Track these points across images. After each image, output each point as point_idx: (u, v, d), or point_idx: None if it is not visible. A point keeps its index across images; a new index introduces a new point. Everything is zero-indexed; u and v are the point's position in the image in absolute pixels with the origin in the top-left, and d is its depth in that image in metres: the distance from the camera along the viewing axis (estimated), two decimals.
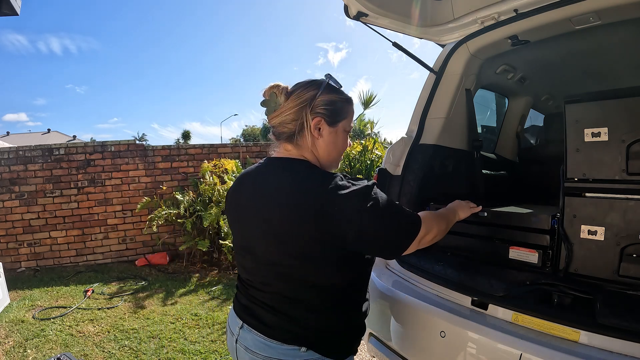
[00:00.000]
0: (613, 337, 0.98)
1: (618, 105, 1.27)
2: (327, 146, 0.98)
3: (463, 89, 2.00)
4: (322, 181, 0.87)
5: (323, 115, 0.96)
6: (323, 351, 0.91)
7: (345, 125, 1.01)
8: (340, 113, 0.99)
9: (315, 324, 0.92)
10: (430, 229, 1.00)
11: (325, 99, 0.95)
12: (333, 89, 0.98)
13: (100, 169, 4.97)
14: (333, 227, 0.84)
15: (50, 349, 2.67)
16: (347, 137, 1.04)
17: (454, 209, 1.24)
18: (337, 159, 1.05)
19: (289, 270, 0.90)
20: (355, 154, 4.83)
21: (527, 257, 1.44)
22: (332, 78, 0.99)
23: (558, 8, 1.49)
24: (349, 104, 1.01)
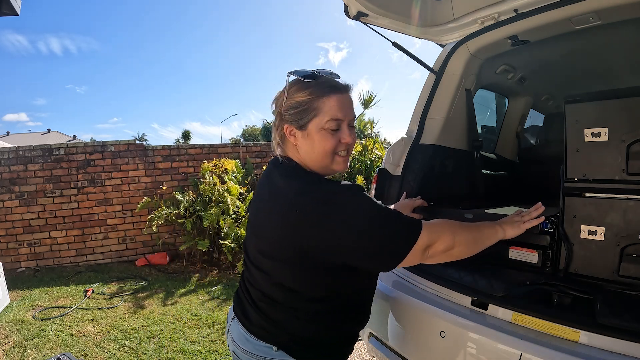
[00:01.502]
0: (613, 337, 0.98)
1: (618, 105, 1.27)
2: (306, 150, 0.92)
3: (463, 89, 2.00)
4: (305, 186, 0.85)
5: (290, 122, 0.90)
6: (294, 354, 0.90)
7: (318, 123, 0.88)
8: (306, 114, 0.88)
9: (289, 326, 0.91)
10: (439, 238, 0.86)
11: (290, 103, 0.89)
12: (298, 88, 0.89)
13: (100, 169, 4.97)
14: (307, 233, 0.82)
15: (50, 349, 2.67)
16: (329, 134, 0.89)
17: (496, 223, 1.04)
18: (323, 162, 0.92)
19: (268, 271, 0.92)
20: (355, 154, 4.83)
21: (527, 257, 1.43)
22: (298, 73, 0.89)
23: (558, 8, 1.49)
24: (318, 99, 0.87)
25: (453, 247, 0.89)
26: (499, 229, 1.03)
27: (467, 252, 0.94)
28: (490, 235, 1.00)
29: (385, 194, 1.88)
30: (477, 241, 0.96)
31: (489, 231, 1.00)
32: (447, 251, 0.89)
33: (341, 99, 0.89)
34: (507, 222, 1.06)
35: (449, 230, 0.90)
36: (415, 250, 0.84)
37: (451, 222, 0.94)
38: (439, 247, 0.87)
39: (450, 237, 0.89)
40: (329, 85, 0.88)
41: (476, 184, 2.14)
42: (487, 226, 1.01)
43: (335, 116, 0.88)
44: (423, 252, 0.86)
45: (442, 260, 0.91)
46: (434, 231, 0.87)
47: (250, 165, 5.30)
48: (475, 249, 0.96)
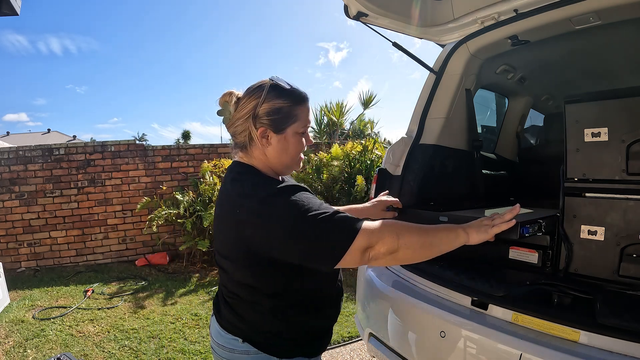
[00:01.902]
0: (613, 337, 0.98)
1: (618, 105, 1.27)
2: (277, 153, 0.96)
3: (463, 89, 2.00)
4: (247, 188, 0.90)
5: (267, 125, 0.93)
6: (258, 346, 0.96)
7: (295, 128, 0.95)
8: (286, 119, 0.94)
9: (252, 320, 0.97)
10: (380, 240, 0.83)
11: (267, 107, 0.93)
12: (278, 94, 0.93)
13: (100, 169, 4.97)
14: (249, 233, 0.87)
15: (50, 349, 2.67)
16: (302, 138, 0.98)
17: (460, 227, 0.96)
18: (291, 163, 1.00)
19: (228, 270, 0.98)
20: (355, 154, 4.83)
21: (527, 257, 1.44)
22: (278, 80, 0.95)
23: (558, 8, 1.49)
24: (298, 105, 0.95)
25: (397, 250, 0.85)
26: (462, 233, 0.94)
27: (416, 256, 0.89)
28: (448, 240, 0.92)
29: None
30: (428, 245, 0.89)
31: (447, 235, 0.93)
32: (391, 254, 0.85)
33: (308, 108, 0.99)
34: (474, 225, 0.97)
35: (393, 232, 0.85)
36: (353, 252, 0.83)
37: (399, 225, 0.88)
38: (380, 249, 0.84)
39: (393, 239, 0.84)
40: (302, 96, 0.97)
41: (476, 184, 2.14)
42: (446, 230, 0.93)
43: (308, 122, 0.98)
44: (362, 253, 0.84)
45: (389, 264, 0.89)
46: (374, 233, 0.84)
47: None
48: (428, 253, 0.90)
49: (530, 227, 1.12)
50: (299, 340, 1.00)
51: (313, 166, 4.76)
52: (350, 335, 2.83)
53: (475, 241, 0.94)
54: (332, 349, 2.67)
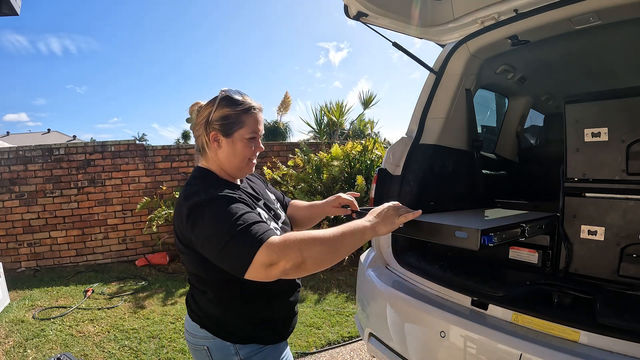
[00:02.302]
0: (613, 337, 0.98)
1: (618, 105, 1.27)
2: (227, 155, 1.07)
3: (463, 89, 2.00)
4: (190, 189, 1.01)
5: (218, 130, 1.05)
6: (212, 331, 1.06)
7: (243, 133, 1.05)
8: (234, 124, 1.05)
9: (204, 307, 1.08)
10: (284, 257, 0.84)
11: (219, 114, 1.04)
12: (228, 103, 1.05)
13: (100, 169, 4.97)
14: (184, 231, 0.97)
15: (50, 349, 2.67)
16: (249, 143, 1.07)
17: (366, 221, 0.97)
18: (240, 165, 1.09)
19: (184, 262, 1.10)
20: (355, 154, 4.83)
21: (527, 257, 1.44)
22: (230, 92, 1.07)
23: (558, 8, 1.49)
24: (245, 114, 1.06)
25: (304, 262, 0.85)
26: (368, 230, 0.95)
27: (325, 263, 0.89)
28: (354, 240, 0.93)
29: (385, 194, 1.88)
30: (334, 250, 0.89)
31: (352, 235, 0.92)
32: (299, 267, 0.85)
33: (259, 117, 1.09)
34: (380, 217, 0.98)
35: (295, 247, 0.85)
36: (255, 267, 0.84)
37: (303, 237, 0.87)
38: (285, 265, 0.84)
39: (297, 254, 0.84)
40: (252, 106, 1.07)
41: (476, 184, 2.14)
42: (350, 231, 0.92)
43: (255, 129, 1.07)
44: (266, 270, 0.85)
45: (301, 276, 0.89)
46: (276, 251, 0.84)
47: None
48: (336, 256, 0.91)
49: (495, 237, 0.99)
50: (247, 328, 1.07)
51: (313, 166, 4.76)
52: (350, 335, 2.83)
53: (383, 233, 0.98)
54: (332, 349, 2.67)
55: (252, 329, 1.07)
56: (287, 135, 13.70)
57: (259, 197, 1.15)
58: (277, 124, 13.71)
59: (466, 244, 0.95)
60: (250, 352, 1.06)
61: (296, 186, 4.71)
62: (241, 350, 1.05)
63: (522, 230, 1.16)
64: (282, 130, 13.66)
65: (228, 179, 1.11)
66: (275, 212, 1.19)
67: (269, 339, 1.10)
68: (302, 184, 4.71)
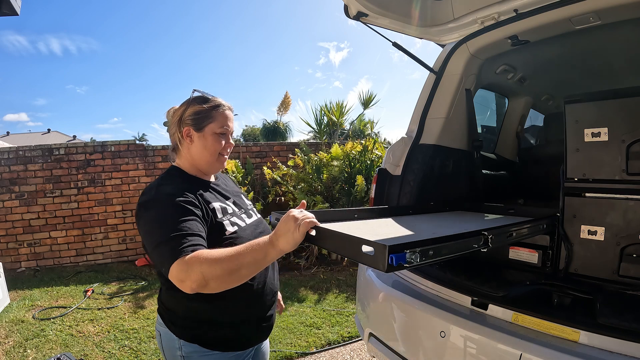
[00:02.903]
0: (613, 337, 0.98)
1: (618, 105, 1.27)
2: (199, 150, 1.13)
3: (463, 89, 2.00)
4: (148, 187, 1.07)
5: (190, 125, 1.12)
6: (162, 319, 1.12)
7: (213, 128, 1.12)
8: (205, 119, 1.11)
9: (161, 297, 1.15)
10: (189, 277, 0.84)
11: (191, 111, 1.12)
12: (199, 101, 1.13)
13: (100, 169, 4.97)
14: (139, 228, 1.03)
15: (50, 349, 2.67)
16: (220, 138, 1.13)
17: (266, 241, 0.88)
18: (211, 159, 1.14)
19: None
20: (355, 154, 4.83)
21: (527, 257, 1.44)
22: (199, 92, 1.15)
23: (558, 8, 1.49)
24: (215, 110, 1.12)
25: (208, 283, 0.85)
26: (270, 249, 0.87)
27: (229, 283, 0.87)
28: (256, 260, 0.87)
29: (385, 194, 1.88)
30: (235, 271, 0.86)
31: (253, 256, 0.87)
32: (205, 287, 0.85)
33: (229, 114, 1.15)
34: (280, 233, 0.86)
35: (197, 267, 0.85)
36: (173, 279, 0.87)
37: (205, 256, 0.86)
38: (192, 285, 0.85)
39: (199, 275, 0.84)
40: (222, 104, 1.14)
41: (476, 184, 2.14)
42: (252, 250, 0.87)
43: (225, 125, 1.13)
44: (180, 284, 0.86)
45: (211, 292, 0.87)
46: (184, 269, 0.85)
47: (250, 165, 5.30)
48: (239, 275, 0.87)
49: (410, 254, 0.78)
50: (189, 325, 1.08)
51: (313, 166, 4.76)
52: (350, 335, 2.83)
53: (286, 248, 0.86)
54: (332, 349, 2.67)
55: (193, 328, 1.07)
56: (287, 135, 13.70)
57: (228, 195, 1.19)
58: (277, 124, 13.71)
59: (373, 263, 0.76)
60: (192, 352, 1.06)
61: (296, 186, 4.71)
62: (184, 347, 1.07)
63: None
64: (282, 130, 13.66)
65: (199, 175, 1.17)
66: (247, 211, 1.22)
67: (213, 344, 1.07)
68: (302, 184, 4.71)
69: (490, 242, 1.00)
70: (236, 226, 1.10)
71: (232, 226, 1.09)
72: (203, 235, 0.96)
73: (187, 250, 0.88)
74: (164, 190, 1.02)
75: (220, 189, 1.20)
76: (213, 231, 1.02)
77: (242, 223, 1.13)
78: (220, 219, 1.07)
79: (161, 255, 0.91)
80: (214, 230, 1.03)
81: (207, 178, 1.20)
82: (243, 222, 1.14)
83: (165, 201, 0.99)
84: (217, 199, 1.13)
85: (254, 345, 1.17)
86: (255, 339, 1.17)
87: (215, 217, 1.06)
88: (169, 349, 1.10)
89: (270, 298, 1.18)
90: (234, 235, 1.07)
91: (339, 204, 4.50)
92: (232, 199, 1.20)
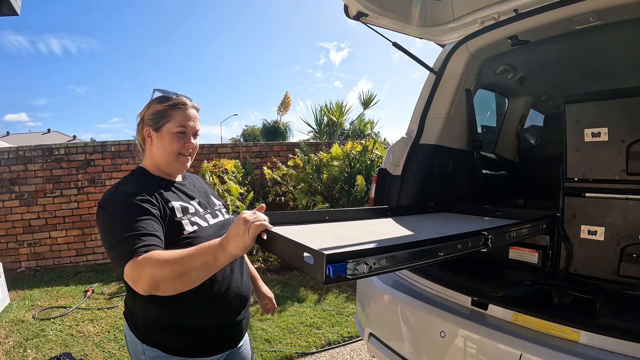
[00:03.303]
0: (613, 337, 0.98)
1: (618, 105, 1.27)
2: (158, 150, 1.12)
3: (463, 89, 2.00)
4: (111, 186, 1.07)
5: (149, 125, 1.12)
6: (130, 328, 1.11)
7: (170, 127, 1.10)
8: (162, 118, 1.10)
9: (127, 302, 1.13)
10: (140, 278, 0.84)
11: (151, 111, 1.12)
12: (159, 100, 1.13)
13: (100, 169, 4.97)
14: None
15: (50, 349, 2.67)
16: (177, 137, 1.11)
17: (217, 244, 0.83)
18: (169, 159, 1.12)
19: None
20: (355, 154, 4.83)
21: (527, 257, 1.44)
22: (160, 91, 1.14)
23: (558, 8, 1.49)
24: (173, 109, 1.11)
25: (158, 286, 0.83)
26: (220, 253, 0.82)
27: (180, 286, 0.84)
28: (207, 259, 0.83)
29: (385, 194, 1.88)
30: (185, 274, 0.83)
31: (203, 259, 0.83)
32: (156, 289, 0.84)
33: (189, 113, 1.12)
34: (231, 236, 0.81)
35: (148, 270, 0.83)
36: (127, 280, 0.88)
37: (156, 258, 0.85)
38: (144, 286, 0.84)
39: (149, 277, 0.83)
40: (182, 102, 1.12)
41: (476, 184, 2.14)
42: (202, 254, 0.84)
43: (182, 124, 1.10)
44: (134, 284, 0.86)
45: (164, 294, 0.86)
46: (136, 270, 0.85)
47: (250, 165, 5.30)
48: (190, 279, 0.84)
49: (354, 264, 0.69)
50: (151, 331, 1.07)
51: (313, 166, 4.76)
52: (350, 335, 2.83)
53: (237, 253, 0.81)
54: (332, 349, 2.67)
55: (153, 333, 1.06)
56: (287, 135, 13.72)
57: (193, 195, 1.18)
58: (277, 124, 13.72)
59: (312, 273, 0.68)
60: (155, 357, 1.04)
61: (296, 186, 4.71)
62: (147, 351, 1.05)
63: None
64: (282, 130, 13.67)
65: (162, 175, 1.16)
66: (213, 212, 1.19)
67: (174, 350, 1.05)
68: (302, 184, 4.71)
69: (490, 243, 1.01)
70: (196, 226, 1.06)
71: (192, 226, 1.06)
72: (159, 235, 0.95)
73: (140, 250, 0.87)
74: (122, 190, 1.02)
75: (186, 188, 1.18)
76: (171, 230, 1.00)
77: (203, 223, 1.09)
78: (180, 218, 1.05)
79: (116, 255, 0.91)
80: (172, 230, 1.01)
81: (172, 178, 1.18)
82: (205, 222, 1.10)
83: (121, 201, 0.98)
84: (179, 198, 1.11)
85: (220, 352, 1.12)
86: (220, 346, 1.12)
87: (174, 216, 1.04)
88: (134, 353, 1.09)
89: (237, 303, 1.13)
90: (193, 235, 1.04)
91: (339, 204, 4.50)
92: (198, 199, 1.17)
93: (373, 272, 0.73)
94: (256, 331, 2.86)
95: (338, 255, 0.67)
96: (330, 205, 4.45)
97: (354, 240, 0.99)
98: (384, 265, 0.75)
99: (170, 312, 1.04)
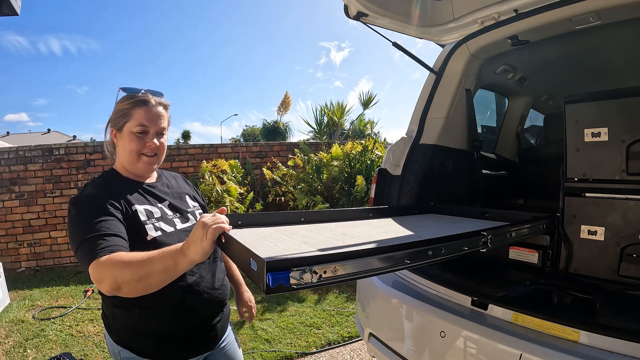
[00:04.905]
0: (613, 337, 0.98)
1: (618, 105, 1.27)
2: (121, 151, 1.10)
3: (463, 89, 2.00)
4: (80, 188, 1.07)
5: (112, 125, 1.10)
6: (106, 328, 1.12)
7: (129, 127, 1.06)
8: (123, 118, 1.07)
9: (102, 303, 1.12)
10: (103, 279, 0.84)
11: (115, 110, 1.10)
12: (122, 99, 1.09)
13: (100, 169, 4.97)
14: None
15: (50, 349, 2.67)
16: (137, 137, 1.07)
17: (179, 248, 0.81)
18: (131, 160, 1.09)
19: None
20: (355, 154, 4.83)
21: (527, 257, 1.44)
22: (123, 90, 1.10)
23: (558, 8, 1.49)
24: (134, 107, 1.07)
25: (121, 287, 0.83)
26: (180, 258, 0.80)
27: (141, 289, 0.84)
28: (167, 263, 0.81)
29: (385, 194, 1.88)
30: (146, 277, 0.82)
31: (163, 263, 0.81)
32: (118, 290, 0.84)
33: (150, 110, 1.07)
34: (191, 240, 0.79)
35: (109, 271, 0.84)
36: (93, 280, 0.88)
37: (118, 259, 0.84)
38: (107, 287, 0.85)
39: (110, 278, 0.83)
40: (143, 100, 1.08)
41: (476, 184, 2.14)
42: (163, 258, 0.82)
43: (141, 123, 1.06)
44: (98, 285, 0.87)
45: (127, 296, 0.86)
46: (99, 271, 0.85)
47: (250, 165, 5.30)
48: (150, 282, 0.83)
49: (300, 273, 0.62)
50: (120, 333, 1.08)
51: (313, 166, 4.76)
52: (350, 335, 2.83)
53: (198, 258, 0.78)
54: (332, 349, 2.67)
55: (122, 335, 1.07)
56: (287, 135, 13.73)
57: (163, 197, 1.14)
58: (277, 123, 13.74)
59: (257, 280, 0.62)
60: (128, 358, 1.05)
61: (296, 186, 4.71)
62: (122, 352, 1.06)
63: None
64: (282, 130, 13.68)
65: (131, 177, 1.13)
66: (184, 215, 1.15)
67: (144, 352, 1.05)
68: (302, 184, 4.71)
69: (489, 243, 1.00)
70: (160, 231, 1.04)
71: (156, 231, 1.03)
72: (122, 236, 0.94)
73: (104, 251, 0.87)
74: (86, 192, 1.02)
75: (156, 190, 1.14)
76: (133, 234, 0.98)
77: (169, 228, 1.07)
78: (143, 222, 1.02)
79: (81, 256, 0.90)
80: (135, 234, 0.99)
81: (141, 179, 1.14)
82: (171, 227, 1.07)
83: (84, 202, 0.98)
84: (145, 201, 1.08)
85: (194, 356, 1.10)
86: (192, 350, 1.10)
87: (137, 220, 1.01)
88: (112, 353, 1.11)
89: (208, 308, 1.11)
90: (155, 240, 1.01)
91: (339, 204, 4.50)
92: (169, 201, 1.14)
93: (322, 282, 0.64)
94: (256, 331, 2.86)
95: (279, 263, 0.59)
96: (331, 206, 4.45)
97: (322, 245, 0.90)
98: (341, 274, 0.67)
99: (137, 317, 1.04)
